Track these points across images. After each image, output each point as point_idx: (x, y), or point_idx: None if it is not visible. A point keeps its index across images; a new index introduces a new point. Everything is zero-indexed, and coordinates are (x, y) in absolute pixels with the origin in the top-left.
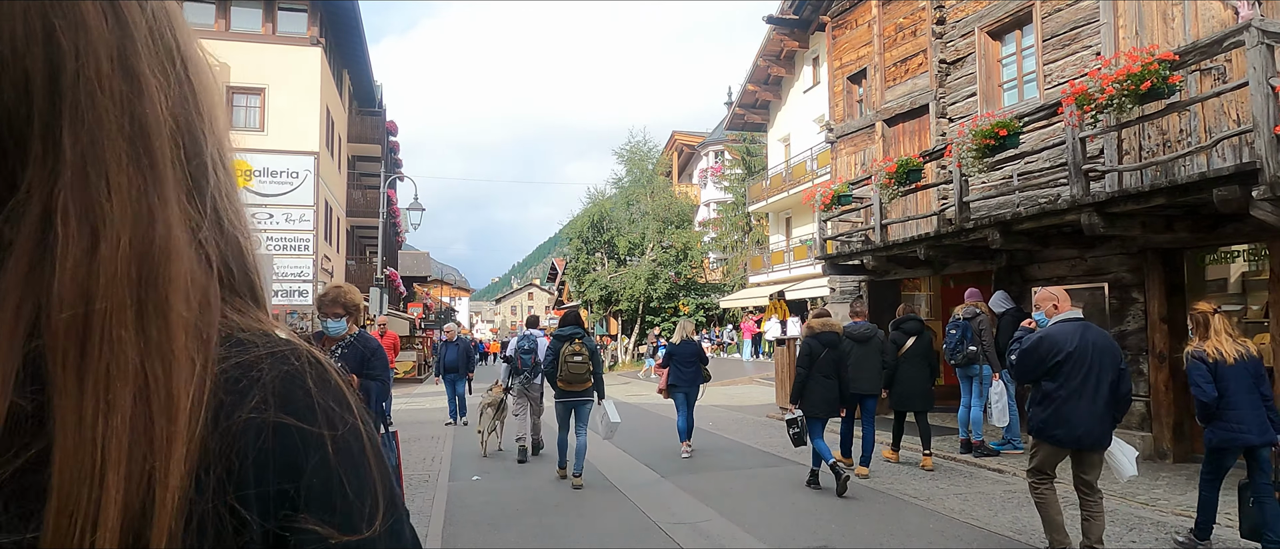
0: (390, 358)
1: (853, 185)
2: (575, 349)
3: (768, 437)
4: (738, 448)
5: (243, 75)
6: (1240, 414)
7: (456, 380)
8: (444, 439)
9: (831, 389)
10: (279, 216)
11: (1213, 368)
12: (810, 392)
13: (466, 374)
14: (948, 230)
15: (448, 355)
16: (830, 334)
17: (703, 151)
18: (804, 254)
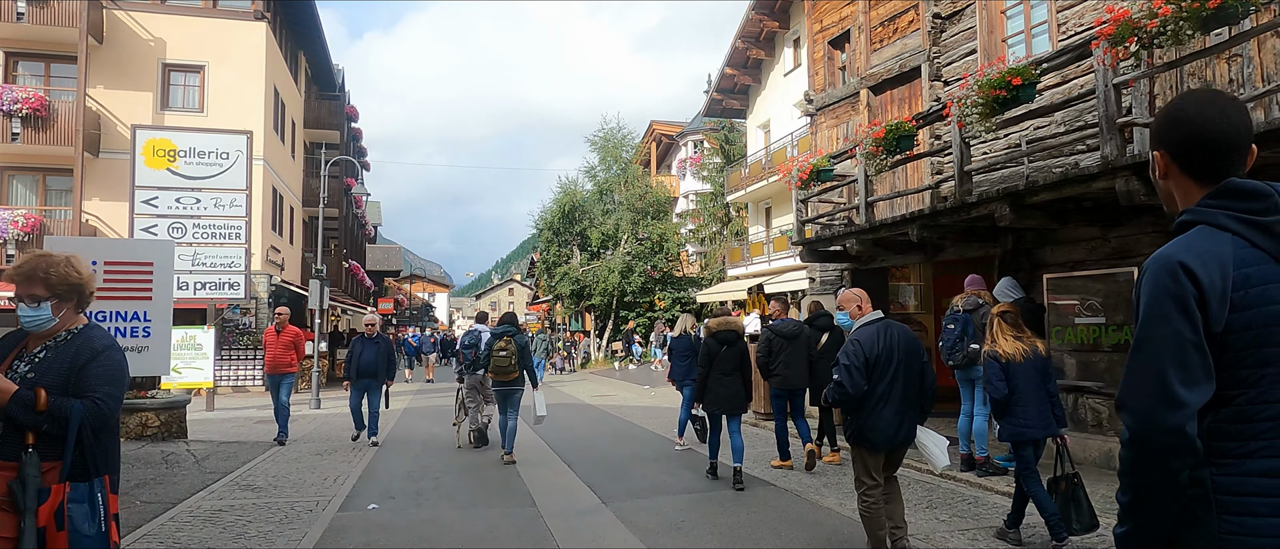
0: (291, 358)
1: (834, 158)
2: (502, 345)
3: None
4: (703, 463)
5: (180, 51)
6: (1027, 410)
7: (370, 388)
8: (361, 457)
9: (734, 385)
10: (207, 201)
11: (1005, 366)
12: (711, 389)
13: (386, 381)
14: (945, 207)
15: (363, 356)
16: (728, 332)
17: (682, 141)
18: (784, 245)
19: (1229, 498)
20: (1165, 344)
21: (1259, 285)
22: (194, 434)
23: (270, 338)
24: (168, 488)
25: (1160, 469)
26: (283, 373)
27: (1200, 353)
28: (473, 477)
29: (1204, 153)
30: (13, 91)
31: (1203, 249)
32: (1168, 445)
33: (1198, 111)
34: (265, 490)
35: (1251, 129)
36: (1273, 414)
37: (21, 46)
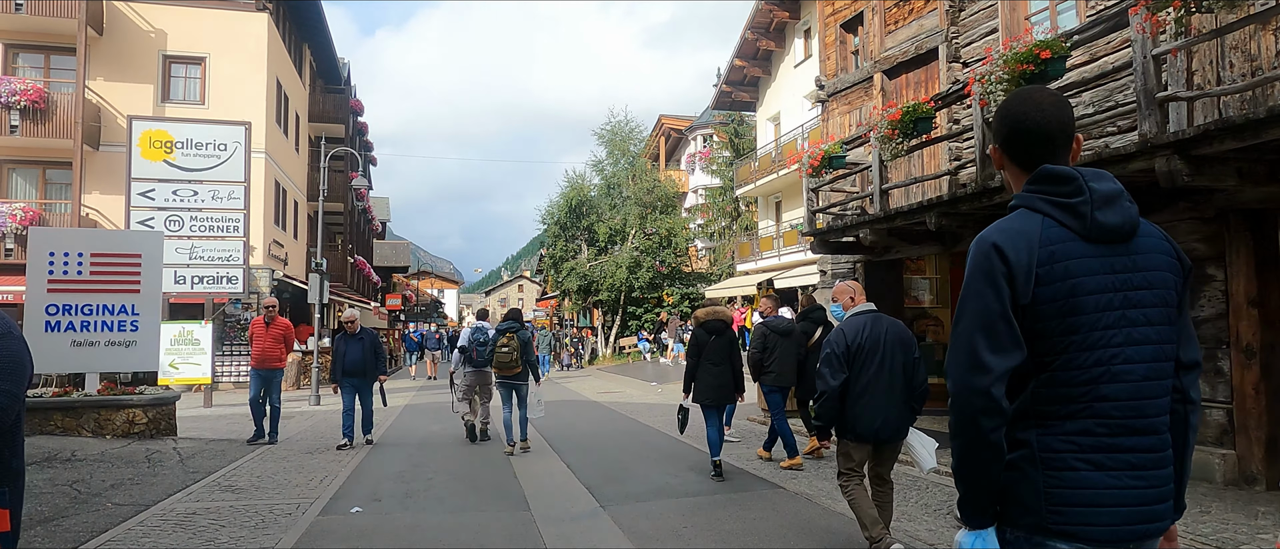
0: (280, 352)
1: (847, 144)
2: (505, 341)
3: (750, 449)
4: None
5: (181, 43)
6: None
7: (361, 388)
8: (353, 456)
9: (722, 376)
10: (205, 194)
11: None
12: (700, 380)
13: (378, 377)
14: (966, 193)
15: (348, 355)
16: (717, 322)
17: (691, 136)
18: (794, 239)
19: (1051, 455)
20: (977, 316)
21: (1062, 261)
22: (186, 431)
23: (258, 329)
24: (144, 489)
25: (974, 428)
26: (272, 367)
27: (1007, 323)
28: (467, 477)
29: (1024, 143)
30: (11, 83)
31: (1013, 229)
32: (978, 407)
33: (1018, 107)
34: (246, 492)
35: (1071, 121)
36: (1085, 379)
37: (21, 38)
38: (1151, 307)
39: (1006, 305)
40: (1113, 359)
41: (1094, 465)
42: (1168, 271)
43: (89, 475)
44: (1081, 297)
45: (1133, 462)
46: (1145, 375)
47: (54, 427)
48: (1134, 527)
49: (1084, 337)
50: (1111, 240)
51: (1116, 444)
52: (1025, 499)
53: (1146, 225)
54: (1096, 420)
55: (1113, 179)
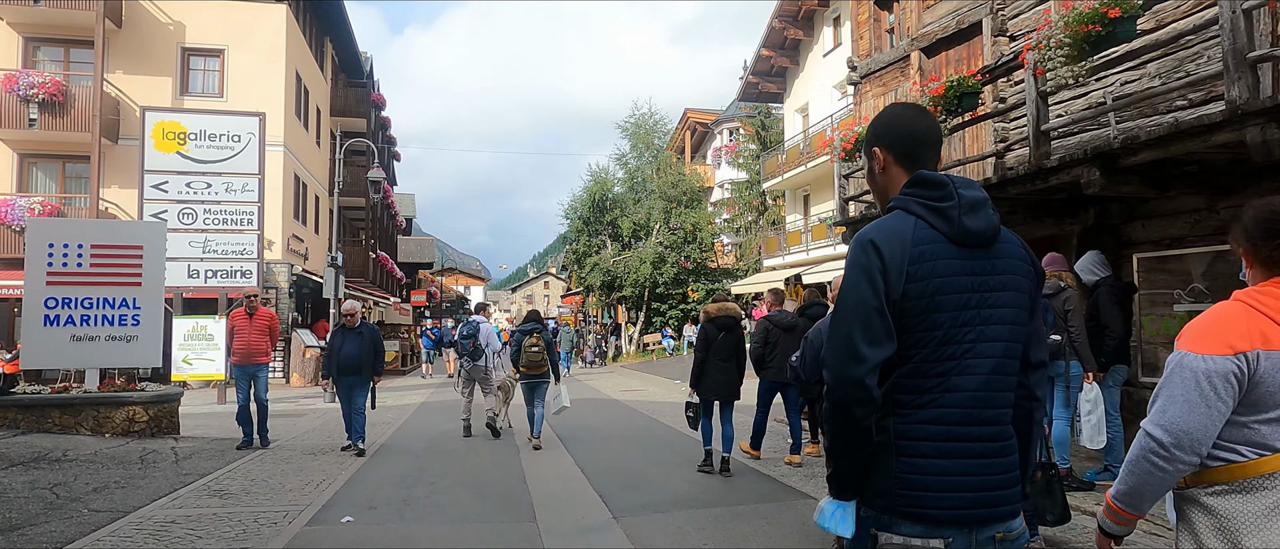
0: (266, 345)
1: None
2: (533, 341)
3: (779, 453)
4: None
5: (200, 35)
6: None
7: (355, 386)
8: (350, 461)
9: (730, 372)
10: (218, 186)
11: None
12: (707, 375)
13: (372, 378)
14: (1016, 174)
15: (343, 350)
16: (726, 318)
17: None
18: (823, 233)
19: (905, 442)
20: (854, 309)
21: (930, 261)
22: (193, 429)
23: (241, 322)
24: (128, 493)
25: (847, 415)
26: (258, 362)
27: (881, 317)
28: (472, 483)
29: (912, 148)
30: (29, 76)
31: (890, 229)
32: (852, 395)
33: (907, 114)
34: (235, 498)
35: (940, 131)
36: (940, 371)
37: (40, 32)
38: (1004, 308)
39: (882, 300)
40: (965, 354)
41: (942, 453)
42: (1022, 276)
43: (74, 478)
44: (944, 295)
45: (978, 450)
46: (993, 370)
47: (52, 424)
48: (975, 510)
49: (943, 332)
50: (975, 244)
51: (964, 433)
52: (879, 482)
53: (1007, 233)
54: (947, 410)
55: (979, 188)
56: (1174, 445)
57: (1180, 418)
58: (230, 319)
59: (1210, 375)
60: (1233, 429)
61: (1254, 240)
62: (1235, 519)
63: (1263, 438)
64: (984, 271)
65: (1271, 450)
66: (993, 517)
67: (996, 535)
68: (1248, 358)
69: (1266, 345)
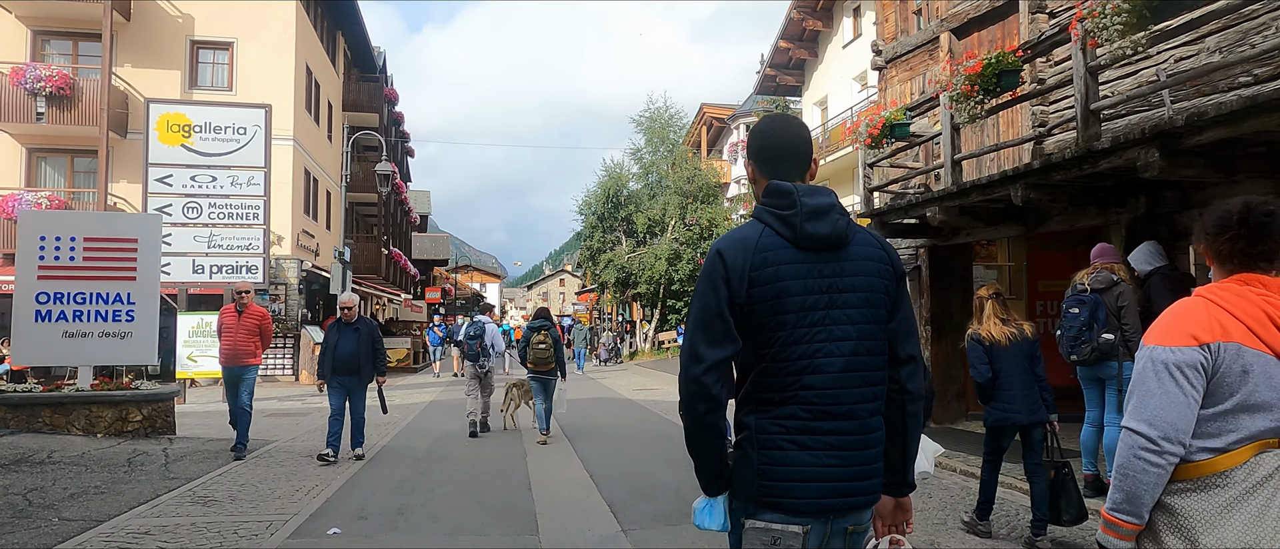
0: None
1: (911, 111)
2: (541, 338)
3: None
4: None
5: (209, 28)
6: (1012, 395)
7: (351, 388)
8: (347, 465)
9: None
10: (223, 179)
11: (988, 349)
12: None
13: (375, 378)
14: (1064, 158)
15: (339, 347)
16: None
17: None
18: None
19: (765, 437)
20: (698, 313)
21: (773, 266)
22: (192, 429)
23: (229, 320)
24: (107, 499)
25: (692, 411)
26: (244, 364)
27: (721, 320)
28: (473, 489)
29: (772, 158)
30: (36, 69)
31: (736, 237)
32: (693, 392)
33: (768, 127)
34: (219, 505)
35: (803, 144)
36: (792, 370)
37: (49, 25)
38: (855, 308)
39: (723, 304)
40: (815, 353)
41: (799, 446)
42: (877, 277)
43: (53, 482)
44: (788, 297)
45: (832, 443)
46: (844, 368)
47: (42, 424)
48: (831, 500)
49: (790, 332)
50: (820, 248)
51: (818, 428)
52: (744, 475)
53: (863, 235)
54: (801, 406)
55: (828, 194)
56: (1161, 438)
57: (1161, 410)
58: (220, 316)
59: (1180, 365)
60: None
61: (1211, 237)
62: (1192, 517)
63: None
64: (831, 274)
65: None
66: (848, 506)
67: (849, 528)
68: (1211, 348)
69: (1225, 337)
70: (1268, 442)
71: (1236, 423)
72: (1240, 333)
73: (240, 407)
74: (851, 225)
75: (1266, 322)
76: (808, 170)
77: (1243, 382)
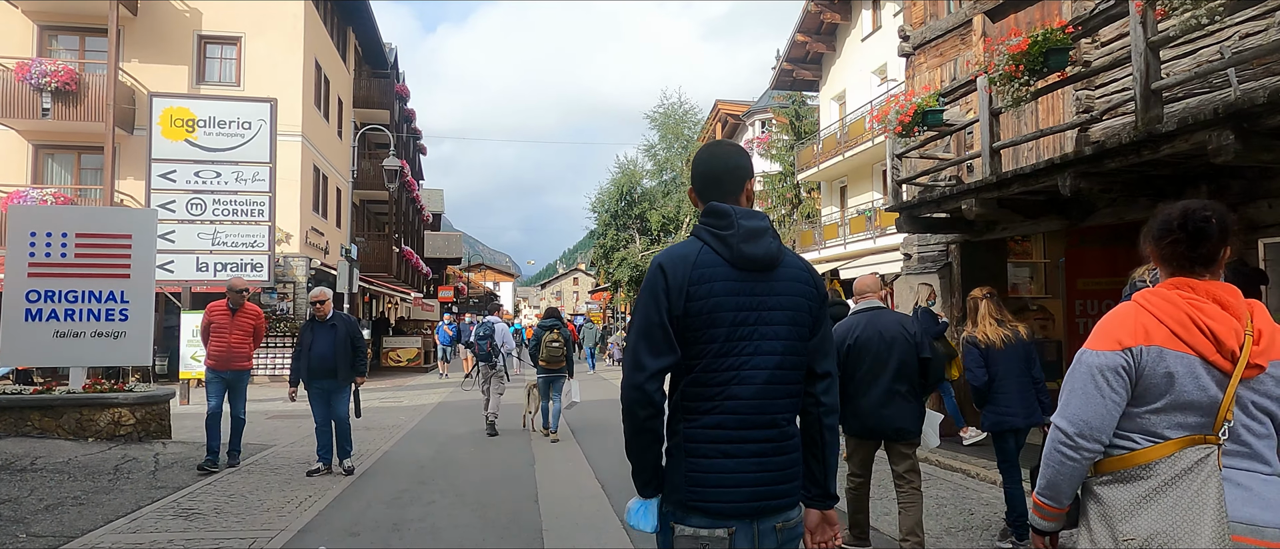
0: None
1: (945, 96)
2: (553, 337)
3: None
4: None
5: (216, 22)
6: (1008, 397)
7: (333, 392)
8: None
9: None
10: (228, 175)
11: (984, 352)
12: None
13: (354, 379)
14: (1118, 144)
15: (315, 347)
16: None
17: (748, 121)
18: (862, 226)
19: (692, 444)
20: (640, 324)
21: (709, 282)
22: (190, 432)
23: (221, 318)
24: (85, 511)
25: (632, 416)
26: (238, 368)
27: (663, 331)
28: (477, 501)
29: (703, 184)
30: (42, 64)
31: (677, 253)
32: (634, 399)
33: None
34: (202, 518)
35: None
36: (719, 380)
37: (55, 20)
38: (780, 325)
39: (664, 316)
40: (742, 366)
41: (724, 454)
42: (801, 298)
43: (30, 492)
44: (721, 312)
45: (755, 450)
46: (768, 380)
47: (31, 427)
48: (753, 503)
49: (721, 346)
50: (753, 268)
51: (742, 436)
52: (674, 479)
53: (791, 258)
54: (727, 415)
55: (762, 218)
56: (1078, 435)
57: (1081, 409)
58: (208, 313)
59: (1103, 369)
60: (1126, 420)
61: (1153, 240)
62: (1113, 506)
63: (1151, 426)
64: (761, 293)
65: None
66: (770, 508)
67: (777, 525)
68: (1134, 352)
69: (1148, 341)
70: (1194, 437)
71: (1163, 420)
72: (1163, 336)
73: (238, 418)
74: (781, 248)
75: (1189, 324)
76: (743, 191)
77: (1167, 382)
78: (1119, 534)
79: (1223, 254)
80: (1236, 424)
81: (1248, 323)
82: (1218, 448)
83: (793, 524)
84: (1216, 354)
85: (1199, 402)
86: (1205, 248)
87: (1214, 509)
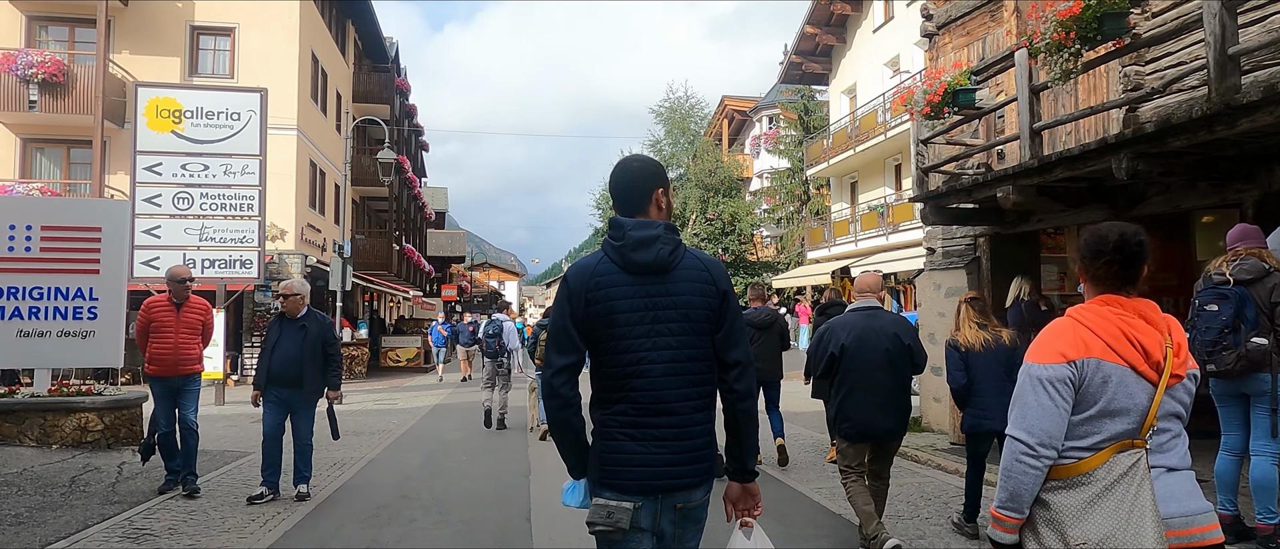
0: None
1: (978, 74)
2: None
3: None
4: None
5: (209, 13)
6: (987, 401)
7: (295, 406)
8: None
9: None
10: (216, 168)
11: (964, 355)
12: None
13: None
14: (1186, 119)
15: (279, 349)
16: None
17: (755, 117)
18: (873, 222)
19: (604, 429)
20: (552, 328)
21: (605, 288)
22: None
23: (164, 316)
24: (22, 533)
25: (549, 408)
26: (185, 372)
27: (567, 333)
28: (462, 520)
29: (615, 200)
30: (28, 55)
31: (581, 264)
32: (547, 393)
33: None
34: (152, 539)
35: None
36: (622, 374)
37: (44, 10)
38: (675, 322)
39: (567, 321)
40: (640, 360)
41: (629, 437)
42: (698, 295)
43: None
44: (617, 314)
45: (656, 435)
46: (665, 373)
47: None
48: (656, 481)
49: (620, 343)
50: (644, 273)
51: (644, 422)
52: (592, 462)
53: (691, 260)
54: (629, 404)
55: (653, 227)
56: (1038, 443)
57: (1037, 420)
58: (145, 311)
59: (1051, 380)
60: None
61: (1084, 260)
62: (1062, 511)
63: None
64: (656, 294)
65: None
66: (672, 487)
67: (677, 505)
68: (1076, 364)
69: (1088, 353)
70: (1123, 443)
71: (1100, 426)
72: (1100, 349)
73: (189, 428)
74: (676, 253)
75: (1122, 338)
76: (651, 201)
77: (1103, 390)
78: (1070, 539)
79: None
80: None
81: (1168, 336)
82: (1145, 451)
83: (693, 506)
84: (1145, 365)
85: (1128, 408)
86: (1135, 269)
87: (1151, 509)
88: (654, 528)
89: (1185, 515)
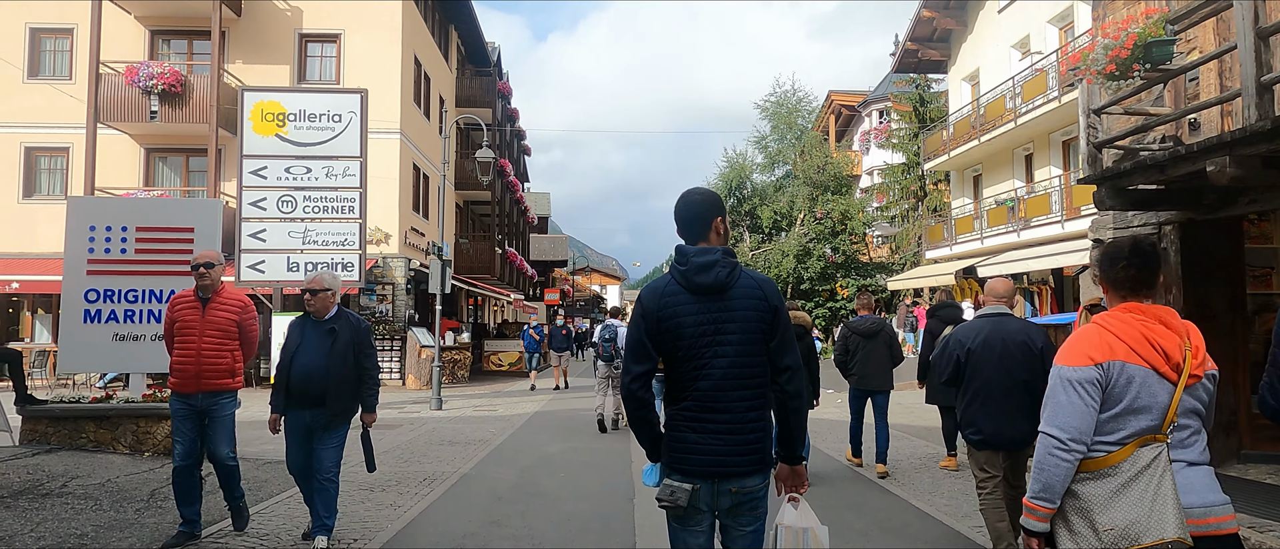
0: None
1: (1173, 25)
2: None
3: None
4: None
5: (317, 20)
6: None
7: (318, 430)
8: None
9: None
10: (318, 170)
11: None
12: None
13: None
14: None
15: (300, 356)
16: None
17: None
18: (1002, 217)
19: (672, 422)
20: (629, 340)
21: (672, 307)
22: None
23: (186, 315)
24: None
25: (629, 407)
26: (215, 388)
27: (642, 346)
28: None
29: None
30: (149, 67)
31: (654, 286)
32: (627, 395)
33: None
34: None
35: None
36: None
37: (165, 24)
38: (733, 334)
39: (643, 334)
40: (703, 367)
41: (692, 430)
42: (752, 311)
43: (35, 526)
44: (683, 329)
45: (714, 428)
46: (723, 377)
47: (86, 440)
48: (713, 468)
49: (685, 352)
50: (705, 293)
51: (704, 418)
52: (664, 450)
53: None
54: (692, 402)
55: (713, 253)
56: (1070, 439)
57: (1068, 417)
58: (171, 308)
59: (1081, 381)
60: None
61: (1103, 269)
62: (1090, 500)
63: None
64: (716, 311)
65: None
66: (726, 473)
67: (732, 488)
68: (1103, 366)
69: (1113, 356)
70: (1146, 437)
71: (1124, 423)
72: (1124, 352)
73: (222, 462)
74: (733, 274)
75: (1144, 341)
76: (711, 227)
77: (1127, 390)
78: (1099, 525)
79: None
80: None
81: (1186, 339)
82: (1166, 446)
83: (748, 490)
84: (1165, 366)
85: (1150, 406)
86: (1151, 273)
87: (1172, 498)
88: (712, 508)
89: (1204, 506)
